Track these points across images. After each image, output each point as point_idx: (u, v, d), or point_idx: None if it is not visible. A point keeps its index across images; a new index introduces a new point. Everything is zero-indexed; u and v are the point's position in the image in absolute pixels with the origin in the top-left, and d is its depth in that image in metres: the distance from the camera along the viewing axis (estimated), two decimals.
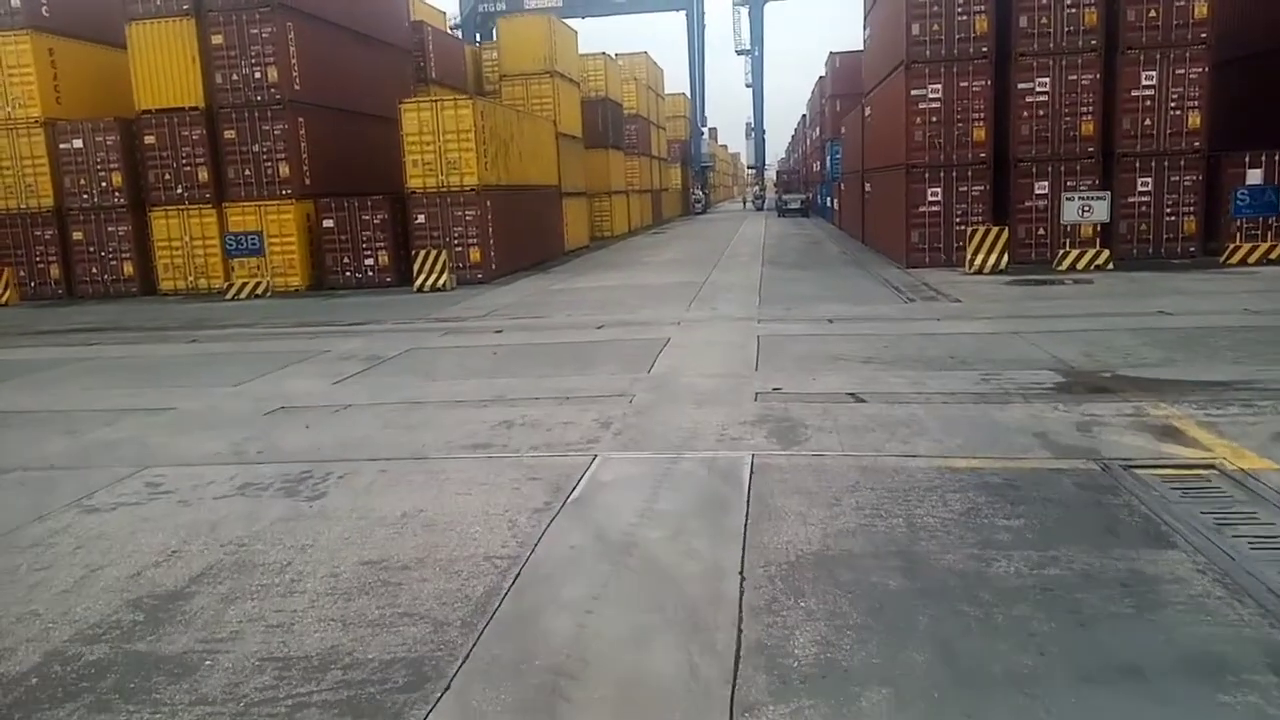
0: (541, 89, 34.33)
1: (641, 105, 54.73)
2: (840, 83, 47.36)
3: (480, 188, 24.02)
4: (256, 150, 24.34)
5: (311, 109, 24.67)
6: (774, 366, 11.36)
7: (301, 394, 11.12)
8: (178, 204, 24.82)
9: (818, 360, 11.63)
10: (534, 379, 11.31)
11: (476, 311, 18.34)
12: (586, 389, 10.52)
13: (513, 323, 16.63)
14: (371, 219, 24.37)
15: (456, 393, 10.72)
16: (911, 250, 22.93)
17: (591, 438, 8.38)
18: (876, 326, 14.17)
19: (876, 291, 18.82)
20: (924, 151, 22.59)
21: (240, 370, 12.85)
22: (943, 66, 22.33)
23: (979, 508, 6.24)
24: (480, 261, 24.33)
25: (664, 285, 21.83)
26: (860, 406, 9.12)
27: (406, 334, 15.80)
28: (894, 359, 11.49)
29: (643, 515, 6.33)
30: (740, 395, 9.79)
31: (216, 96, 24.24)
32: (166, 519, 6.80)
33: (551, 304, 19.20)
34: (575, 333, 15.04)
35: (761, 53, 77.65)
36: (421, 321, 17.39)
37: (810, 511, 6.25)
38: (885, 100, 26.19)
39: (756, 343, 13.02)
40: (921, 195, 22.73)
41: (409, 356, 13.54)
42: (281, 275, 24.59)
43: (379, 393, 10.95)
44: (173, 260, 25.18)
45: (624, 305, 18.30)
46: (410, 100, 24.26)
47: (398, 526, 6.37)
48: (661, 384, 10.61)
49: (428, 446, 8.37)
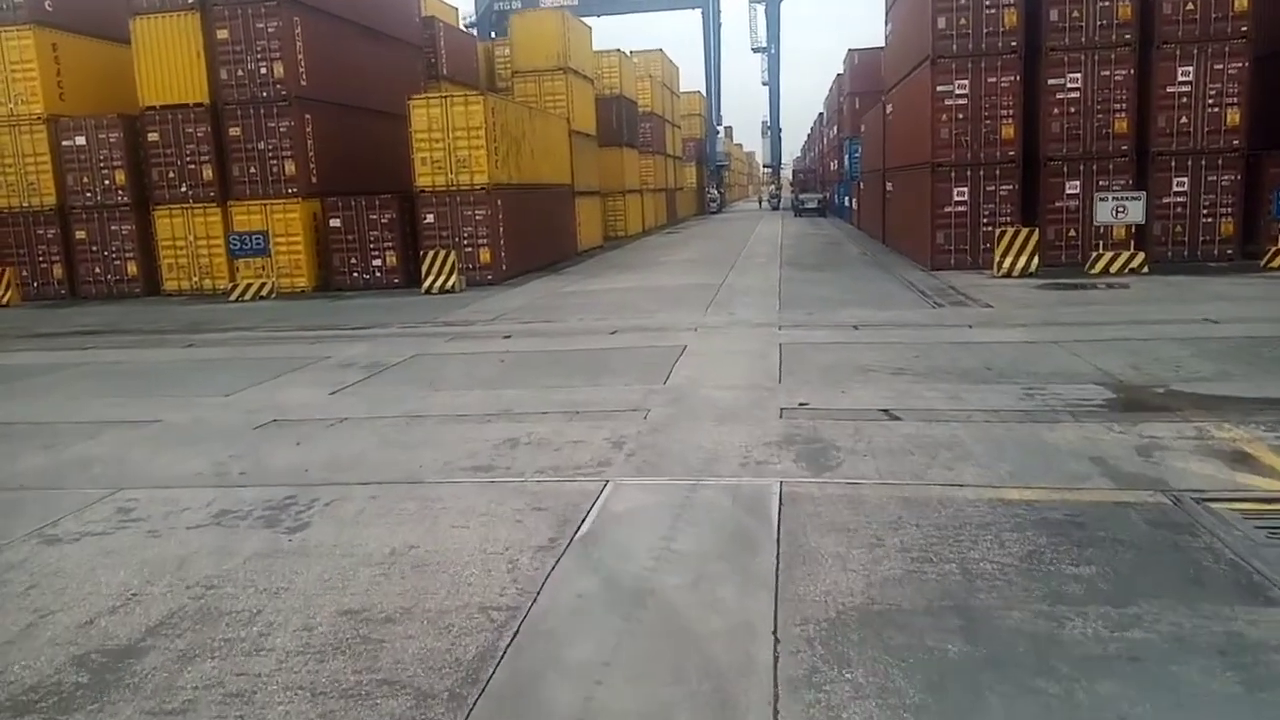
0: (555, 85, 33.63)
1: (656, 103, 53.98)
2: (859, 80, 46.56)
3: (491, 186, 23.36)
4: (262, 148, 23.75)
5: (318, 105, 24.07)
6: (798, 378, 10.63)
7: (296, 405, 10.46)
8: (182, 203, 24.27)
9: (845, 371, 10.89)
10: (542, 390, 10.62)
11: (485, 315, 17.68)
12: (598, 402, 9.82)
13: (522, 327, 15.96)
14: (379, 218, 23.75)
15: (460, 405, 10.04)
16: (936, 252, 22.12)
17: (603, 460, 7.67)
18: (905, 334, 13.41)
19: (902, 295, 18.04)
20: (950, 150, 21.79)
21: (235, 378, 12.21)
22: (970, 61, 21.51)
23: (1041, 550, 5.50)
24: (490, 262, 23.67)
25: (680, 287, 21.11)
26: (895, 425, 8.38)
27: (412, 339, 15.15)
28: (927, 370, 10.74)
29: (659, 556, 5.62)
30: (764, 411, 9.06)
31: (221, 93, 23.66)
32: (132, 553, 6.14)
33: (563, 307, 18.52)
34: (587, 338, 14.34)
35: (778, 50, 76.90)
36: (428, 325, 16.73)
37: (850, 553, 5.52)
38: (908, 97, 25.38)
39: (779, 351, 12.28)
40: (947, 195, 21.92)
41: (413, 364, 12.88)
42: (287, 276, 24.00)
43: (378, 405, 10.28)
44: (177, 260, 24.63)
45: (638, 309, 17.59)
46: (419, 96, 23.61)
47: (384, 567, 5.68)
48: (679, 397, 9.89)
49: (424, 468, 7.68)
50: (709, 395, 9.86)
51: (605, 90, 42.06)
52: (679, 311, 16.86)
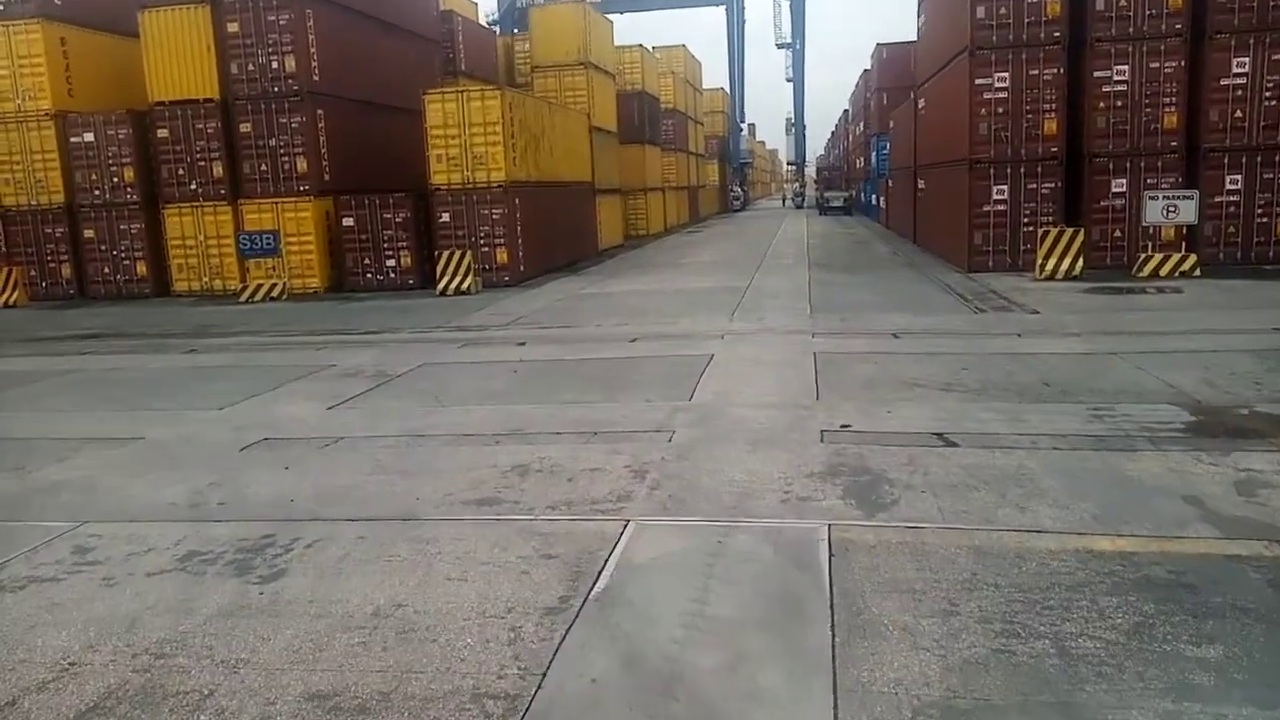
0: (575, 81, 32.77)
1: (679, 99, 53.08)
2: (887, 75, 45.42)
3: (508, 184, 22.53)
4: (273, 144, 23.05)
5: (331, 101, 23.33)
6: (838, 393, 9.70)
7: (290, 421, 9.65)
8: (191, 201, 23.61)
9: (888, 386, 9.95)
10: (557, 405, 9.75)
11: (500, 319, 16.84)
12: (617, 421, 8.94)
13: (538, 333, 15.10)
14: (393, 217, 22.99)
15: (467, 423, 9.18)
16: (974, 253, 21.07)
17: (623, 493, 6.79)
18: (949, 343, 12.44)
19: (940, 299, 17.04)
20: (989, 146, 20.73)
21: (231, 388, 11.43)
22: (1010, 53, 20.44)
23: (1150, 622, 4.57)
24: (508, 263, 22.85)
25: (704, 290, 20.19)
26: (952, 453, 7.44)
27: (421, 346, 14.33)
28: (979, 386, 9.78)
29: (690, 624, 4.73)
30: (803, 434, 8.15)
31: (232, 88, 22.98)
32: (80, 607, 5.32)
33: (582, 311, 17.65)
34: (606, 346, 13.46)
35: (803, 45, 75.70)
36: (440, 330, 15.91)
37: (919, 624, 4.61)
38: (943, 91, 24.33)
39: (813, 362, 11.35)
40: (986, 193, 20.87)
41: (420, 374, 12.04)
42: (299, 276, 23.29)
43: (378, 421, 9.45)
44: (187, 260, 23.98)
45: (661, 313, 16.70)
46: (435, 90, 22.81)
47: (365, 632, 4.82)
48: (706, 416, 8.99)
49: (422, 502, 6.82)
50: (740, 414, 8.95)
51: (627, 86, 41.20)
52: (704, 316, 15.96)
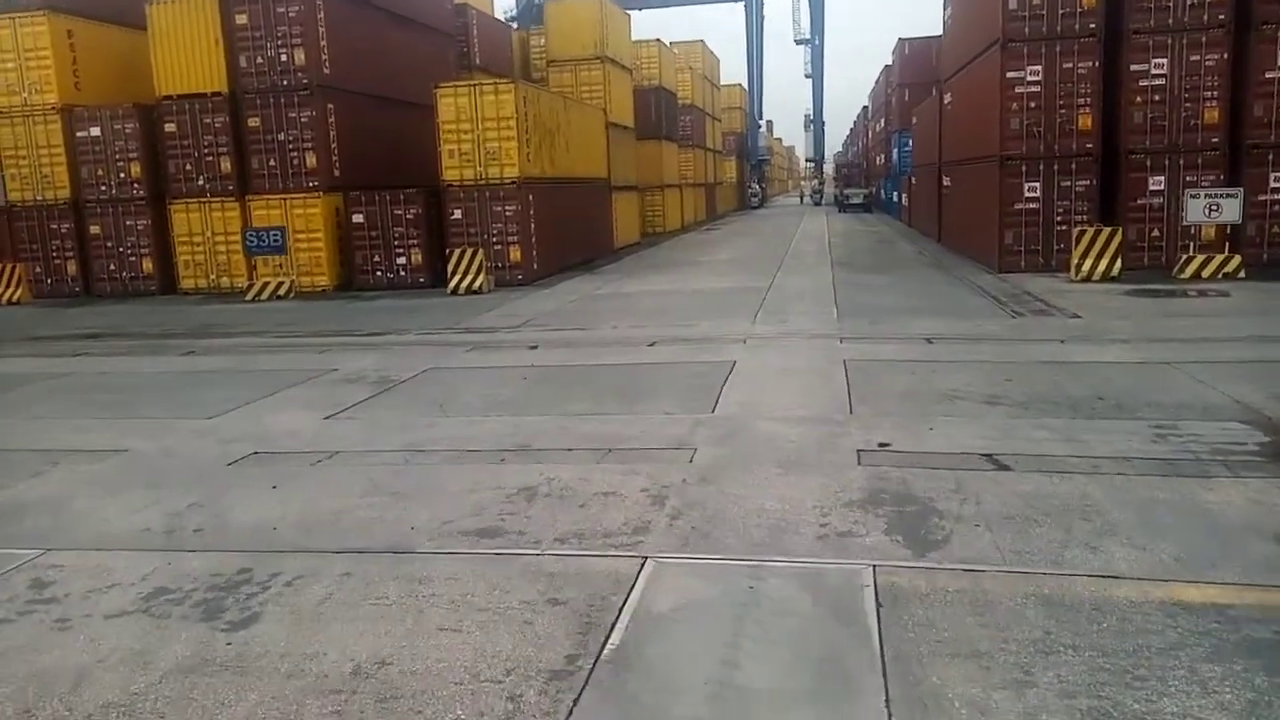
0: (591, 75, 32.09)
1: (697, 95, 52.33)
2: (909, 71, 44.58)
3: (522, 180, 21.89)
4: (282, 139, 22.50)
5: (341, 94, 22.75)
6: (872, 407, 8.98)
7: (284, 433, 9.02)
8: (199, 196, 23.11)
9: (927, 398, 9.23)
10: (569, 417, 9.08)
11: (512, 320, 16.19)
12: (634, 437, 8.25)
13: (551, 335, 14.44)
14: (404, 214, 22.38)
15: (471, 437, 8.53)
16: (1005, 253, 20.27)
17: (640, 523, 6.10)
18: (987, 350, 11.68)
19: (973, 302, 16.27)
20: (1021, 141, 19.93)
21: (226, 395, 10.82)
22: (1044, 45, 19.63)
23: (1266, 699, 3.85)
24: (521, 261, 22.21)
25: (724, 290, 19.47)
26: (1005, 478, 6.72)
27: (428, 349, 13.69)
28: (1026, 399, 9.04)
29: (717, 694, 4.04)
30: (837, 453, 7.44)
31: (240, 81, 22.45)
32: (24, 658, 4.69)
33: (596, 312, 16.97)
34: (622, 351, 12.77)
35: (822, 42, 74.72)
36: (449, 332, 15.27)
37: (990, 699, 3.90)
38: (972, 85, 23.50)
39: (844, 370, 10.63)
40: (1017, 191, 20.06)
41: (425, 380, 11.40)
42: (308, 274, 22.73)
43: (376, 434, 8.81)
44: (193, 257, 23.47)
45: (679, 315, 16.00)
46: (447, 84, 22.17)
47: (341, 697, 4.16)
48: (731, 431, 8.29)
49: (417, 531, 6.16)
50: (768, 430, 8.24)
51: (644, 81, 40.50)
52: (725, 319, 15.25)
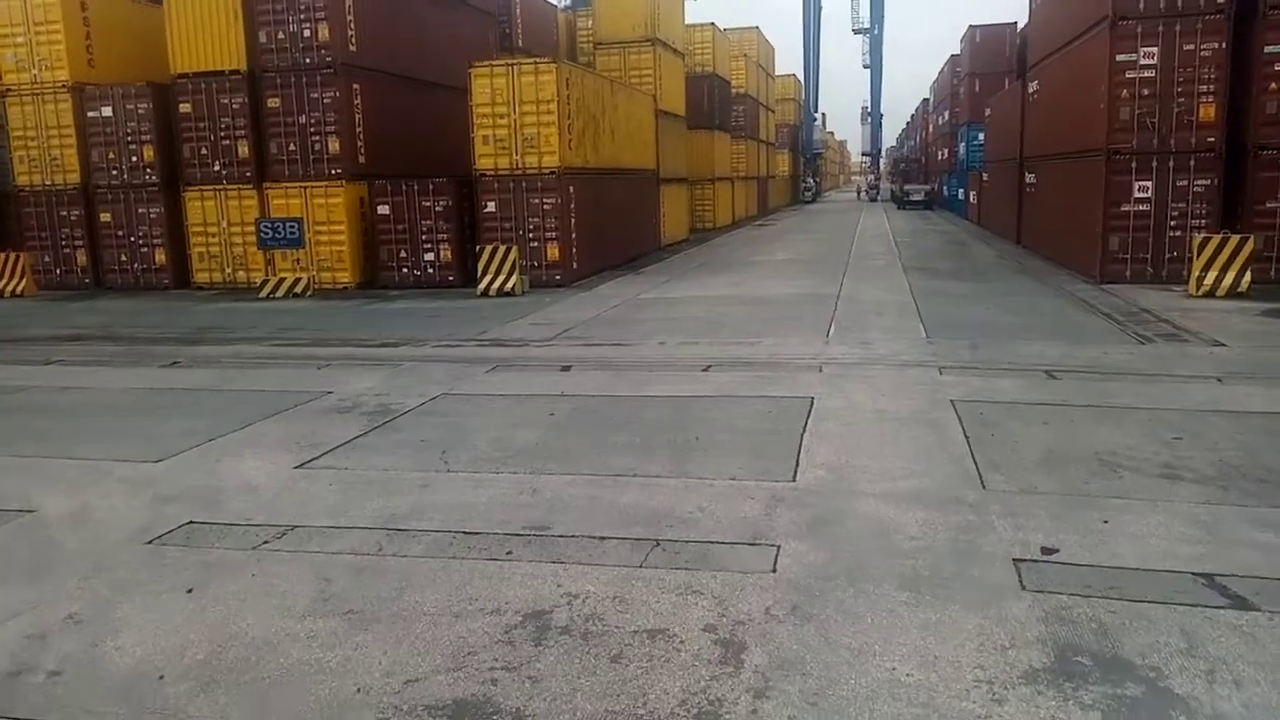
0: (641, 59, 29.87)
1: (751, 84, 49.88)
2: (980, 60, 41.84)
3: (562, 170, 19.80)
4: (303, 122, 20.65)
5: (369, 74, 20.86)
6: (1010, 478, 6.72)
7: (238, 488, 7.01)
8: (215, 183, 21.38)
9: (1079, 465, 6.94)
10: (603, 479, 6.95)
11: (544, 330, 14.12)
12: (690, 517, 6.11)
13: (588, 352, 12.33)
14: (433, 206, 20.42)
15: (473, 506, 6.44)
16: (1108, 260, 17.76)
17: (707, 705, 3.94)
18: (1129, 390, 9.34)
19: (1083, 320, 13.86)
20: (1131, 134, 17.39)
21: (189, 426, 8.87)
22: (1161, 24, 17.07)
23: None
24: (559, 259, 20.14)
25: (786, 298, 17.21)
26: (1256, 625, 4.45)
27: (445, 366, 11.65)
28: (1215, 471, 6.71)
29: None
30: (984, 563, 5.22)
31: (260, 59, 20.65)
32: None
33: (641, 321, 14.83)
34: (672, 377, 10.61)
35: (881, 31, 72.22)
36: (472, 344, 13.24)
37: None
38: (1068, 71, 20.92)
39: (955, 416, 8.37)
40: (1125, 190, 17.53)
41: (432, 411, 9.35)
42: (329, 270, 20.90)
43: (353, 496, 6.76)
44: (208, 249, 21.76)
45: (737, 329, 13.80)
46: (482, 63, 20.12)
47: None
48: (823, 515, 6.10)
49: (363, 697, 4.07)
50: (874, 514, 6.04)
51: (696, 68, 38.19)
52: (792, 335, 13.03)
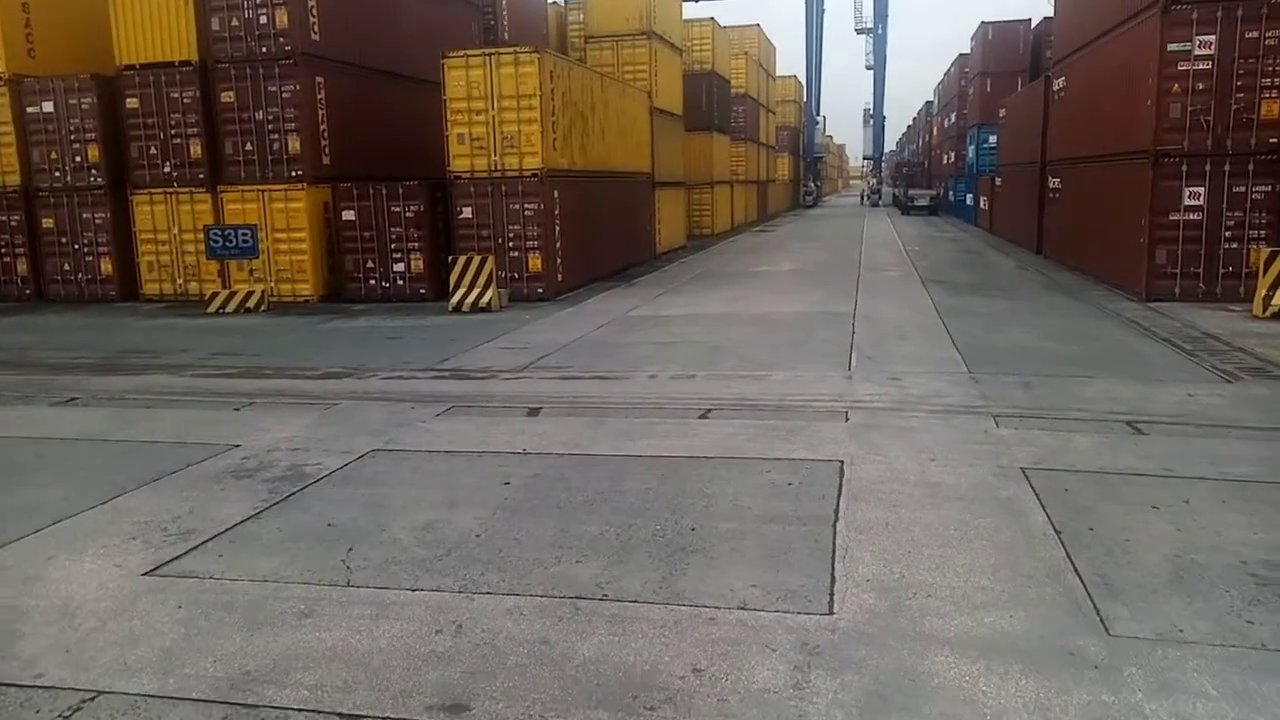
0: (636, 54, 27.90)
1: (751, 84, 47.95)
2: (993, 58, 40.01)
3: (546, 172, 17.85)
4: (260, 118, 18.71)
5: (334, 66, 18.96)
6: (1139, 612, 4.72)
7: (49, 614, 5.03)
8: (165, 186, 19.46)
9: (1227, 585, 4.95)
10: (562, 606, 4.98)
11: (517, 356, 12.15)
12: (677, 685, 4.13)
13: (564, 387, 10.36)
14: (403, 211, 18.48)
15: (361, 660, 4.46)
16: (1155, 275, 15.83)
17: None
18: (1240, 450, 7.35)
19: (1142, 348, 11.89)
20: (1182, 134, 15.46)
21: (40, 498, 6.90)
22: (1220, 8, 15.16)
23: None
24: (542, 271, 18.17)
25: (795, 317, 15.25)
26: None
27: (390, 406, 9.66)
28: None
29: None
30: None
31: (213, 48, 18.72)
32: None
33: (630, 346, 12.85)
34: (661, 428, 8.63)
35: (885, 30, 70.29)
36: (427, 375, 11.26)
37: None
38: (1106, 64, 18.98)
39: (1031, 492, 6.38)
40: (1174, 196, 15.60)
41: (353, 478, 7.36)
42: (289, 281, 18.97)
43: (201, 634, 4.77)
44: (158, 258, 19.82)
45: (741, 356, 11.84)
46: (456, 53, 18.15)
47: None
48: (878, 682, 4.12)
49: None
50: (956, 685, 4.06)
51: (694, 65, 36.27)
52: (805, 366, 11.06)
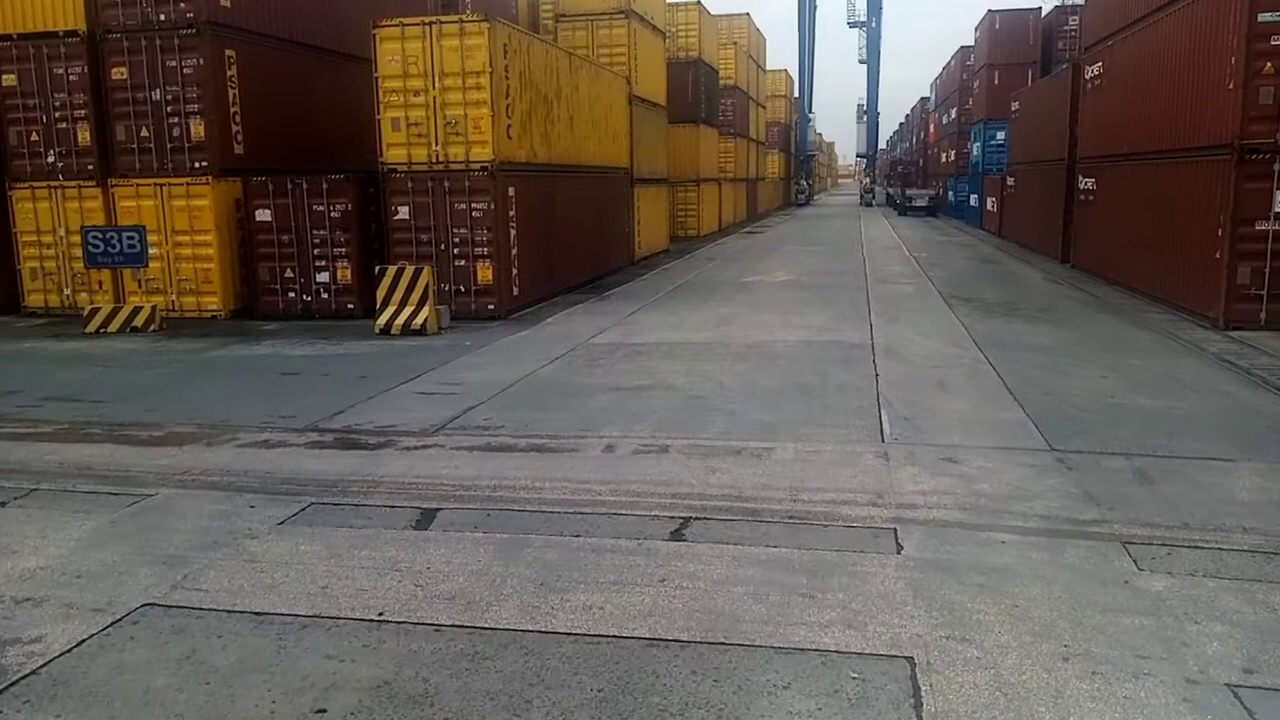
0: (613, 34, 24.87)
1: (740, 76, 45.05)
2: (1001, 49, 37.21)
3: (498, 165, 14.90)
4: (157, 98, 15.67)
5: (248, 39, 15.99)
6: None
7: None
8: (49, 179, 16.39)
9: None
10: None
11: (435, 407, 9.18)
12: None
13: (483, 466, 7.40)
14: (328, 210, 15.50)
15: None
16: (1236, 298, 12.99)
17: None
18: None
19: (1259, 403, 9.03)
20: (1274, 125, 12.62)
21: None
22: None
23: None
24: (493, 283, 15.21)
25: (798, 348, 12.30)
26: None
27: (219, 503, 6.68)
28: None
29: None
30: None
31: (102, 15, 15.70)
32: None
33: (586, 395, 9.89)
34: (612, 565, 5.68)
35: (879, 23, 67.65)
36: (305, 440, 8.26)
37: None
38: (1163, 44, 16.13)
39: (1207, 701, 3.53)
40: (1263, 202, 12.78)
41: (68, 680, 4.40)
42: (193, 294, 15.96)
43: None
44: (42, 263, 16.77)
45: (732, 414, 8.89)
46: (390, 22, 15.11)
47: None
48: None
49: None
50: None
51: (680, 53, 33.40)
52: (820, 433, 8.12)
